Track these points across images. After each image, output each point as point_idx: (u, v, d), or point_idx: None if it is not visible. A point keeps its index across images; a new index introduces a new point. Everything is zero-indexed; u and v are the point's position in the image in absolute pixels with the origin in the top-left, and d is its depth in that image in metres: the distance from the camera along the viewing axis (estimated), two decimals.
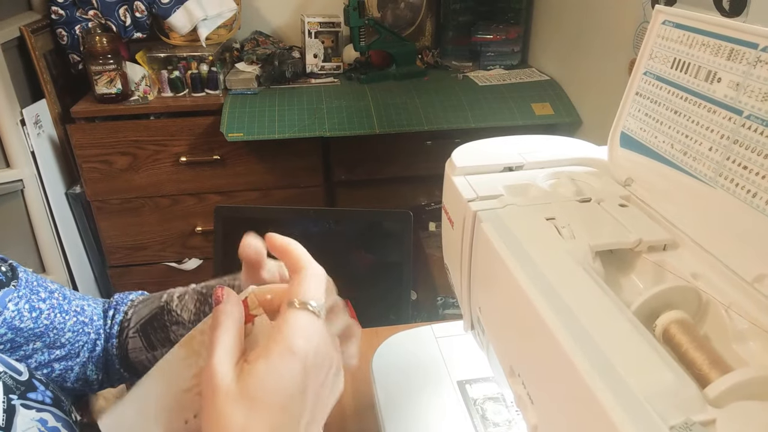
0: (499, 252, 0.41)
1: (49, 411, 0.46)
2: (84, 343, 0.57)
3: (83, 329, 0.57)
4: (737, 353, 0.35)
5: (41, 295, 0.55)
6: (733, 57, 0.37)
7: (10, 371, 0.46)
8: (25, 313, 0.52)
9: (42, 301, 0.54)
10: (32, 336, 0.53)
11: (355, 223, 1.46)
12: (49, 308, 0.54)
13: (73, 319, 0.56)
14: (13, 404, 0.43)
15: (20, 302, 0.52)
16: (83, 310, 0.58)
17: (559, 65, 1.66)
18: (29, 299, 0.53)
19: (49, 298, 0.55)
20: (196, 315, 0.53)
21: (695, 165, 0.41)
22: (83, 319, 0.58)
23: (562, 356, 0.32)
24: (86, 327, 0.58)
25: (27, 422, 0.43)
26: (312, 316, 0.37)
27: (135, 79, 1.60)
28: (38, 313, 0.53)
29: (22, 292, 0.53)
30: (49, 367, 0.55)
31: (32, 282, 0.55)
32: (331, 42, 1.76)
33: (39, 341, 0.53)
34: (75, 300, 0.58)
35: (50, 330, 0.54)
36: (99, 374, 0.59)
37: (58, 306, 0.56)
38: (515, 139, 0.59)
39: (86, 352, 0.57)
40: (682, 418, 0.28)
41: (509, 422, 0.62)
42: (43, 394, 0.47)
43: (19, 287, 0.53)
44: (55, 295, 0.56)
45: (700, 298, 0.38)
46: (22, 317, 0.52)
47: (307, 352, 0.35)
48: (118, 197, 1.64)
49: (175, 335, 0.54)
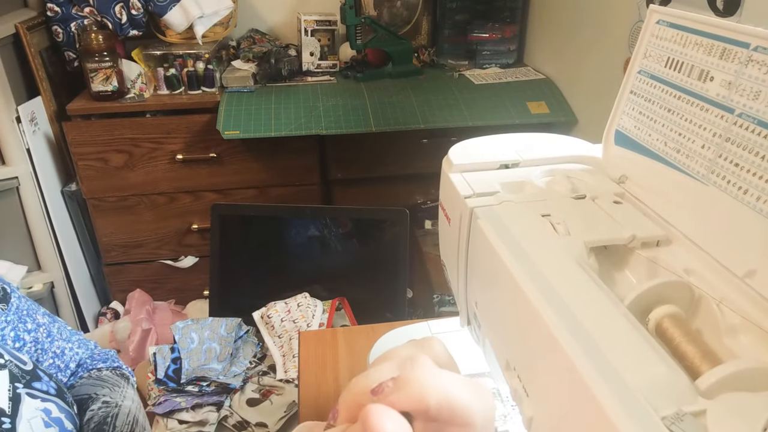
0: (495, 248, 0.42)
1: (53, 401, 0.47)
2: (55, 388, 0.54)
3: (57, 374, 0.56)
4: (728, 347, 0.35)
5: (28, 326, 0.54)
6: (725, 56, 0.38)
7: (15, 360, 0.46)
8: (8, 340, 0.51)
9: (27, 332, 0.53)
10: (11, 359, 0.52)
11: (351, 221, 1.47)
12: (31, 342, 0.54)
13: (50, 360, 0.56)
14: (19, 393, 0.44)
15: (6, 328, 0.51)
16: (62, 354, 0.57)
17: (554, 64, 1.66)
18: (15, 327, 0.52)
19: (34, 330, 0.54)
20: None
21: (688, 162, 0.41)
22: (59, 364, 0.57)
23: (557, 350, 0.33)
24: (60, 373, 0.57)
25: (32, 411, 0.44)
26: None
27: (131, 76, 1.60)
28: (21, 344, 0.52)
29: (10, 317, 0.52)
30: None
31: (23, 310, 0.53)
32: (328, 40, 1.77)
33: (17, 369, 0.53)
34: (58, 341, 0.57)
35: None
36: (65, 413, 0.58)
37: (40, 343, 0.55)
38: (512, 136, 0.59)
39: (58, 395, 0.54)
40: (673, 409, 0.28)
41: (505, 417, 0.62)
42: (48, 384, 0.48)
43: (9, 312, 0.52)
44: (40, 330, 0.55)
45: (692, 293, 0.38)
46: (5, 345, 0.51)
47: None
48: (114, 195, 1.64)
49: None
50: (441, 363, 0.32)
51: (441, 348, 0.34)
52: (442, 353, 0.33)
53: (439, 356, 0.33)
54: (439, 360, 0.32)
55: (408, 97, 1.58)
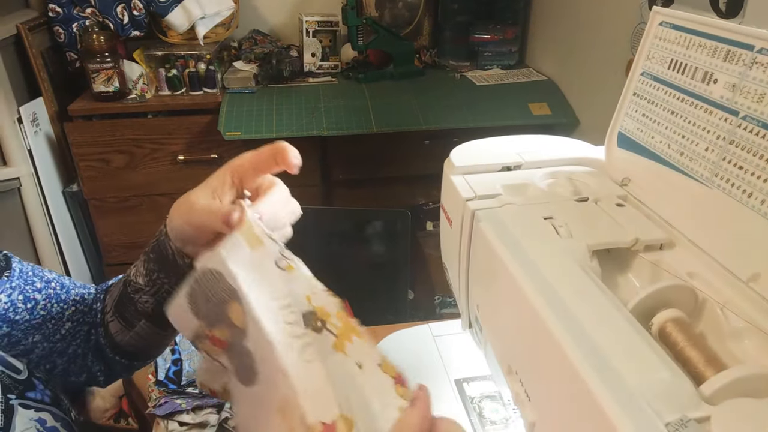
0: (497, 251, 0.42)
1: (48, 410, 0.46)
2: (85, 333, 0.56)
3: (83, 319, 0.56)
4: (732, 351, 0.35)
5: (37, 285, 0.53)
6: (729, 58, 0.38)
7: (8, 370, 0.45)
8: (19, 304, 0.51)
9: (37, 292, 0.53)
10: (30, 328, 0.51)
11: (353, 223, 1.47)
12: (45, 299, 0.53)
13: (72, 308, 0.55)
14: (12, 404, 0.43)
15: (14, 293, 0.51)
16: (83, 299, 0.56)
17: (556, 65, 1.66)
18: (23, 290, 0.52)
19: (45, 288, 0.53)
20: (147, 276, 0.51)
21: (692, 165, 0.41)
22: (83, 308, 0.56)
23: (559, 354, 0.32)
24: (86, 317, 0.56)
25: (26, 422, 0.43)
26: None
27: (132, 77, 1.60)
28: (33, 303, 0.52)
29: (15, 283, 0.51)
30: (50, 362, 0.53)
31: (27, 272, 0.53)
32: (329, 41, 1.76)
33: (38, 334, 0.52)
34: (75, 289, 0.56)
35: (48, 321, 0.53)
36: (101, 365, 0.57)
37: (55, 296, 0.54)
38: (513, 138, 0.59)
39: (83, 343, 0.55)
40: (677, 415, 0.28)
41: (506, 420, 0.62)
42: (42, 392, 0.47)
43: (12, 278, 0.51)
44: (52, 284, 0.54)
45: (695, 297, 0.38)
46: (16, 309, 0.50)
47: None
48: (115, 195, 1.64)
49: (141, 304, 0.52)
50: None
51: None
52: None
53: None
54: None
55: (409, 98, 1.57)
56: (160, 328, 0.54)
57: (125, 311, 0.53)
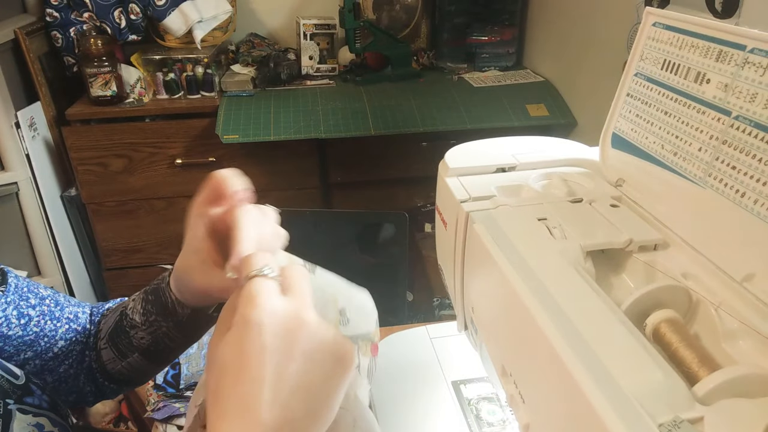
0: (491, 253, 0.42)
1: (46, 415, 0.46)
2: (78, 353, 0.56)
3: (76, 338, 0.55)
4: (727, 352, 0.35)
5: (31, 301, 0.53)
6: (721, 58, 0.38)
7: (7, 375, 0.45)
8: (12, 320, 0.50)
9: (31, 308, 0.52)
10: (22, 345, 0.51)
11: (351, 225, 1.47)
12: (39, 315, 0.53)
13: (65, 326, 0.55)
14: (10, 409, 0.43)
15: (8, 308, 0.50)
16: (77, 318, 0.56)
17: (553, 67, 1.66)
18: (18, 305, 0.51)
19: (39, 304, 0.53)
20: (144, 316, 0.52)
21: (685, 165, 0.41)
22: (76, 327, 0.56)
23: (553, 355, 0.32)
24: (79, 336, 0.56)
25: (24, 427, 0.43)
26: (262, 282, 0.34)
27: (130, 81, 1.60)
28: (27, 320, 0.52)
29: (10, 297, 0.51)
30: (41, 379, 0.53)
31: (22, 288, 0.53)
32: (327, 44, 1.76)
33: (29, 350, 0.52)
34: (69, 307, 0.56)
35: (41, 338, 0.53)
36: (92, 386, 0.57)
37: (49, 313, 0.54)
38: (508, 140, 0.59)
39: (76, 363, 0.55)
40: (670, 415, 0.28)
41: (503, 422, 0.62)
42: (40, 398, 0.47)
43: (8, 293, 0.51)
44: (46, 301, 0.54)
45: (690, 298, 0.38)
46: (9, 324, 0.50)
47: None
48: (113, 200, 1.64)
49: (137, 339, 0.52)
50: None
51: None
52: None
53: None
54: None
55: (407, 100, 1.58)
56: (154, 363, 0.54)
57: (119, 342, 0.54)
